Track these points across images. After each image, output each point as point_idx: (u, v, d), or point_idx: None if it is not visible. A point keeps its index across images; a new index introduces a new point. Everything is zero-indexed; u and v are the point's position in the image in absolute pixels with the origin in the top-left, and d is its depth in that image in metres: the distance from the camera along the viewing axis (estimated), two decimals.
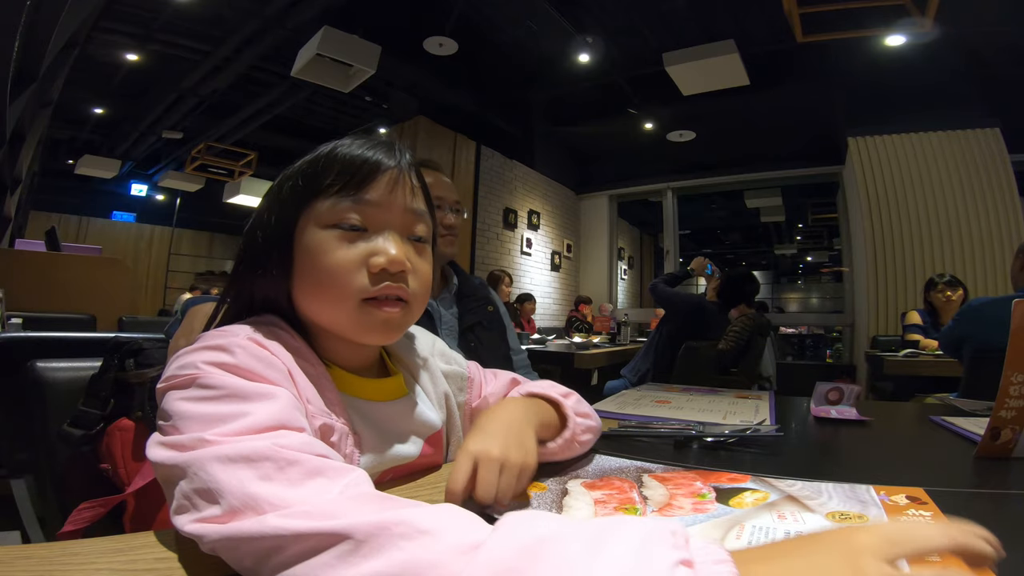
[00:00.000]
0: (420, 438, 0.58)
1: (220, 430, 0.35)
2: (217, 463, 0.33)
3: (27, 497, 0.80)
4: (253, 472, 0.32)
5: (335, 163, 0.50)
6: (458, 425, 0.66)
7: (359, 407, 0.52)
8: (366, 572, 0.26)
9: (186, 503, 0.34)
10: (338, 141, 0.53)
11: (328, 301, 0.50)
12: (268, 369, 0.42)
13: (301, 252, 0.50)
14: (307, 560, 0.28)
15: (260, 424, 0.36)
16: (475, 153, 5.52)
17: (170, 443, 0.36)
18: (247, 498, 0.31)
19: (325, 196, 0.50)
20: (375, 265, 0.49)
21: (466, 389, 0.68)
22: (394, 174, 0.52)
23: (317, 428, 0.45)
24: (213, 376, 0.39)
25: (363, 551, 0.27)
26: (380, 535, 0.28)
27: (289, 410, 0.39)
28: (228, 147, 7.04)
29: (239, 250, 0.53)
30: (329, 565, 0.27)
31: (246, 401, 0.38)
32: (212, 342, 0.43)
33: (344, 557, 0.27)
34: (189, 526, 0.32)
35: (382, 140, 0.54)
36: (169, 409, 0.39)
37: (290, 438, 0.36)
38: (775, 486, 0.54)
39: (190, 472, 0.34)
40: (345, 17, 3.94)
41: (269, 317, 0.51)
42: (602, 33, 4.41)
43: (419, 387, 0.61)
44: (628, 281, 8.89)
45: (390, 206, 0.51)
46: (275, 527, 0.29)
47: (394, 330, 0.53)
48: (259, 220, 0.53)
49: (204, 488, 0.33)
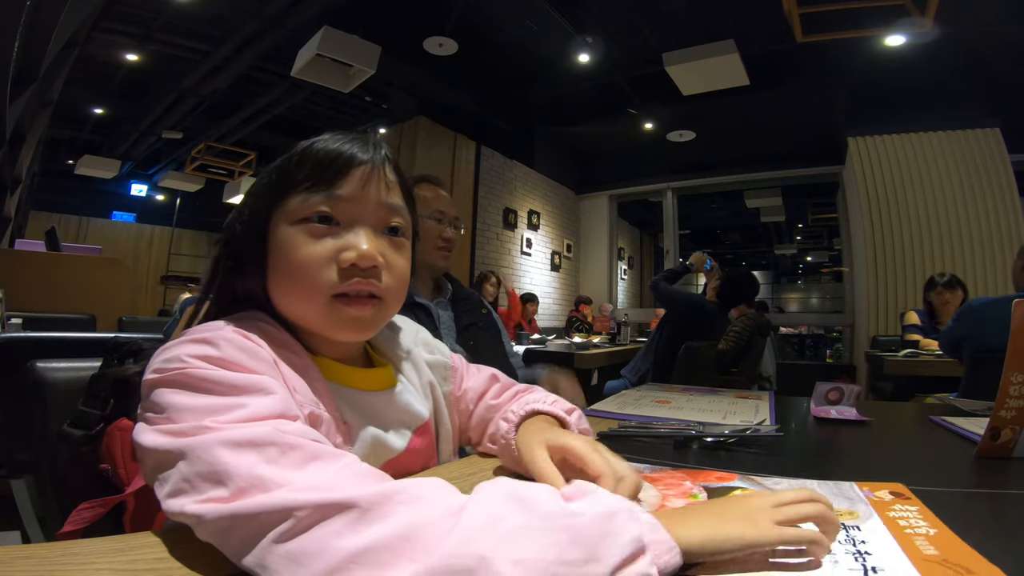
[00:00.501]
0: (408, 430, 0.57)
1: (221, 418, 0.36)
2: (223, 447, 0.33)
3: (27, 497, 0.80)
4: (259, 456, 0.33)
5: (308, 159, 0.50)
6: (446, 415, 0.65)
7: (348, 396, 0.52)
8: (375, 534, 0.28)
9: (186, 486, 0.33)
10: (316, 137, 0.52)
11: (299, 297, 0.50)
12: (253, 360, 0.42)
13: (274, 248, 0.50)
14: (317, 529, 0.29)
15: (259, 414, 0.37)
16: (475, 153, 5.52)
17: (167, 430, 0.36)
18: (255, 479, 0.32)
19: (297, 192, 0.49)
20: (345, 260, 0.49)
21: (450, 379, 0.67)
22: (367, 169, 0.51)
23: (305, 416, 0.45)
24: (201, 370, 0.39)
25: (369, 517, 0.29)
26: (384, 503, 0.30)
27: (285, 401, 0.40)
28: (228, 147, 7.05)
29: (219, 249, 0.53)
30: (339, 533, 0.29)
31: (242, 393, 0.38)
32: (197, 335, 0.43)
33: (352, 524, 0.29)
34: (190, 507, 0.32)
35: (359, 135, 0.53)
36: (160, 402, 0.39)
37: (289, 426, 0.36)
38: (763, 484, 0.55)
39: (192, 456, 0.34)
40: (345, 17, 3.94)
41: (253, 312, 0.51)
42: (602, 33, 4.41)
43: (404, 377, 0.61)
44: (628, 281, 8.89)
45: (363, 200, 0.51)
46: (285, 499, 0.30)
47: (366, 327, 0.52)
48: (236, 217, 0.53)
49: (209, 471, 0.33)
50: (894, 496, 0.51)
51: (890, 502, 0.50)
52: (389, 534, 0.28)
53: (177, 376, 0.39)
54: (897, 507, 0.48)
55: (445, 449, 0.65)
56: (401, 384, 0.59)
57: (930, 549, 0.39)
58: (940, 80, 4.24)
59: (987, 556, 0.37)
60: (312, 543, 0.29)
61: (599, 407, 1.04)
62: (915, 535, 0.42)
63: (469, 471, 0.60)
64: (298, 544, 0.29)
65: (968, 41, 3.91)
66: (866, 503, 0.49)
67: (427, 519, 0.29)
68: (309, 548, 0.29)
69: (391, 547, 0.28)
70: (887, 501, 0.50)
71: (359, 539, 0.28)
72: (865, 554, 0.38)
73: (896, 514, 0.46)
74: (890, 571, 0.36)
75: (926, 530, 0.43)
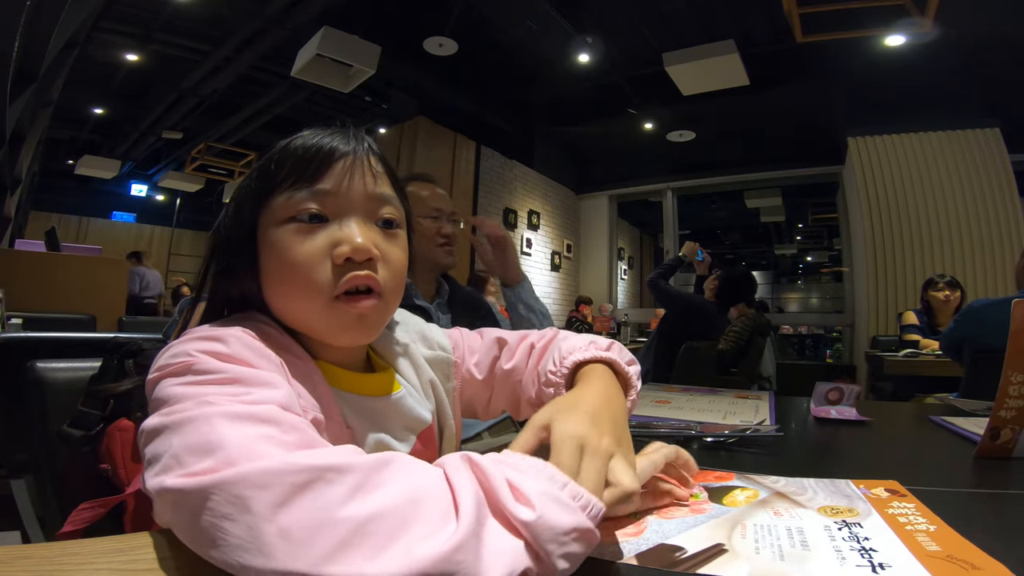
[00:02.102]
0: (412, 434, 0.57)
1: (224, 397, 0.35)
2: (222, 418, 0.32)
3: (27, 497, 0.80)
4: (258, 430, 0.32)
5: (288, 156, 0.49)
6: (449, 415, 0.63)
7: (351, 402, 0.51)
8: (382, 499, 0.28)
9: (172, 462, 0.31)
10: (297, 134, 0.51)
11: (296, 299, 0.48)
12: (261, 359, 0.41)
13: (264, 251, 0.49)
14: (316, 498, 0.27)
15: (264, 400, 0.36)
16: (475, 153, 5.53)
17: (168, 411, 0.35)
18: (248, 451, 0.30)
19: (280, 191, 0.48)
20: (339, 255, 0.46)
21: (453, 377, 0.65)
22: (350, 160, 0.49)
23: (308, 421, 0.45)
24: (209, 362, 0.38)
25: (371, 484, 0.28)
26: (384, 469, 0.30)
27: (290, 397, 0.39)
28: (228, 147, 7.05)
29: (207, 250, 0.52)
30: (342, 501, 0.27)
31: (247, 384, 0.37)
32: (204, 333, 0.42)
33: (355, 491, 0.28)
34: (169, 480, 0.30)
35: (338, 128, 0.52)
36: (165, 395, 0.37)
37: (291, 414, 0.36)
38: (761, 483, 0.55)
39: (188, 428, 0.32)
40: (345, 17, 3.94)
41: (253, 314, 0.50)
42: (602, 33, 4.42)
43: (405, 381, 0.59)
44: (628, 281, 8.89)
45: (349, 192, 0.49)
46: (275, 464, 0.28)
47: (371, 327, 0.50)
48: (223, 220, 0.51)
49: (202, 442, 0.31)
50: (890, 493, 0.51)
51: (887, 499, 0.50)
52: (397, 496, 0.28)
53: (181, 368, 0.38)
54: (895, 504, 0.48)
55: (448, 450, 0.64)
56: (403, 388, 0.58)
57: (932, 545, 0.39)
58: (940, 80, 4.24)
59: (989, 554, 0.37)
60: (311, 516, 0.26)
61: None
62: (916, 531, 0.42)
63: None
64: (294, 518, 0.26)
65: (968, 41, 3.91)
66: (864, 500, 0.49)
67: (427, 484, 0.30)
68: (308, 522, 0.26)
69: (399, 510, 0.27)
70: (884, 498, 0.50)
71: (364, 505, 0.27)
72: (871, 551, 0.38)
73: (895, 511, 0.47)
74: (897, 567, 0.36)
75: (926, 526, 0.43)
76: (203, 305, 0.53)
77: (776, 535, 0.42)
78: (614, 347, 0.56)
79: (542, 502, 0.29)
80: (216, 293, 0.52)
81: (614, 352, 0.55)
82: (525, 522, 0.29)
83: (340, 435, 0.48)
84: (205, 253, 0.53)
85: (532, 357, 0.61)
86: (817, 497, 0.50)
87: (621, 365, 0.54)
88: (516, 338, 0.65)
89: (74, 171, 7.39)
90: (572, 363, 0.53)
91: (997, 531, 0.44)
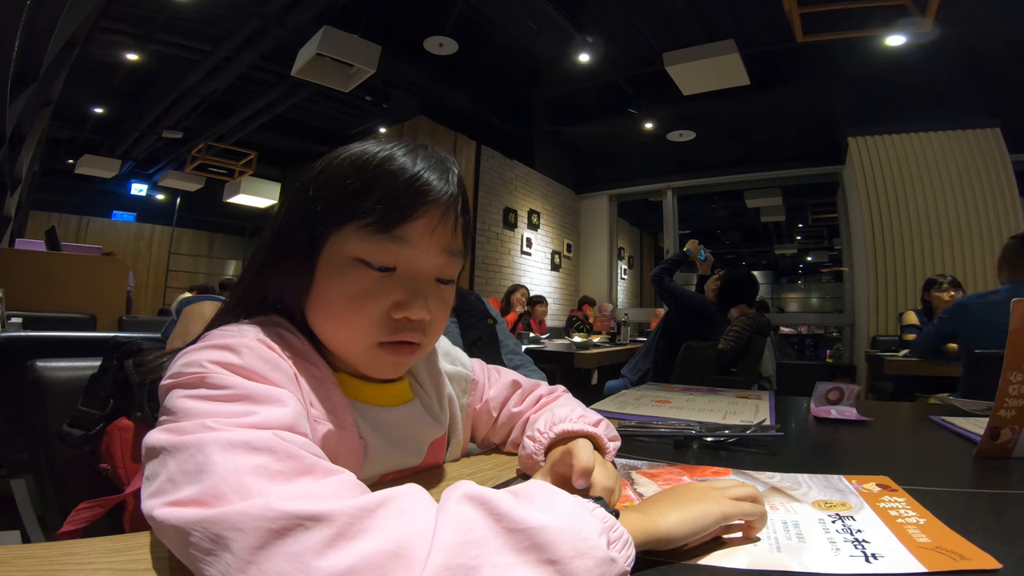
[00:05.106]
0: (423, 445, 0.57)
1: (225, 421, 0.35)
2: (217, 446, 0.32)
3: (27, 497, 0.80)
4: (250, 460, 0.32)
5: (380, 183, 0.46)
6: (459, 428, 0.64)
7: (365, 412, 0.51)
8: (359, 551, 0.26)
9: (167, 485, 0.32)
10: (391, 150, 0.48)
11: (341, 333, 0.48)
12: (274, 371, 0.42)
13: (323, 272, 0.47)
14: (292, 545, 0.27)
15: (267, 423, 0.36)
16: (475, 153, 5.52)
17: (170, 429, 0.35)
18: (236, 485, 0.30)
19: (361, 220, 0.46)
20: (397, 315, 0.47)
21: (469, 391, 0.67)
22: (440, 210, 0.47)
23: (321, 434, 0.44)
24: (220, 376, 0.39)
25: (351, 533, 0.27)
26: (365, 516, 0.28)
27: (298, 415, 0.39)
28: (228, 147, 7.04)
29: (259, 250, 0.51)
30: (317, 551, 0.26)
31: (254, 402, 0.37)
32: (219, 341, 0.42)
33: (332, 541, 0.27)
34: (158, 510, 0.31)
35: (436, 158, 0.49)
36: (173, 406, 0.38)
37: (292, 436, 0.35)
38: (757, 478, 0.57)
39: (185, 454, 0.32)
40: (345, 17, 3.94)
41: (275, 318, 0.49)
42: (602, 33, 4.42)
43: (422, 390, 0.60)
44: (628, 281, 8.89)
45: (427, 248, 0.48)
46: (254, 507, 0.28)
47: (404, 368, 0.53)
48: (287, 224, 0.49)
49: (195, 469, 0.31)
50: (881, 488, 0.54)
51: (878, 494, 0.52)
52: (376, 550, 0.27)
53: (193, 380, 0.39)
54: (886, 498, 0.51)
55: (452, 458, 0.65)
56: (418, 398, 0.58)
57: (922, 537, 0.41)
58: (940, 80, 4.24)
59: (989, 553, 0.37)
60: (287, 565, 0.26)
61: (599, 407, 1.04)
62: (907, 524, 0.44)
63: (469, 471, 0.60)
64: (271, 565, 0.26)
65: (968, 41, 3.91)
66: (856, 495, 0.52)
67: (416, 531, 0.28)
68: (283, 570, 0.26)
69: (378, 565, 0.26)
70: (875, 493, 0.52)
71: (341, 557, 0.26)
72: (864, 542, 0.40)
73: (886, 505, 0.49)
74: (889, 558, 0.38)
75: (916, 520, 0.45)
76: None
77: (772, 528, 0.43)
78: (602, 424, 0.59)
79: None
80: (250, 293, 0.51)
81: (600, 429, 0.57)
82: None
83: (353, 446, 0.49)
84: (255, 251, 0.52)
85: (536, 406, 0.67)
86: (811, 492, 0.53)
87: (603, 440, 0.56)
88: (529, 385, 0.70)
89: (74, 170, 7.38)
90: (560, 431, 0.56)
91: (998, 532, 0.44)
